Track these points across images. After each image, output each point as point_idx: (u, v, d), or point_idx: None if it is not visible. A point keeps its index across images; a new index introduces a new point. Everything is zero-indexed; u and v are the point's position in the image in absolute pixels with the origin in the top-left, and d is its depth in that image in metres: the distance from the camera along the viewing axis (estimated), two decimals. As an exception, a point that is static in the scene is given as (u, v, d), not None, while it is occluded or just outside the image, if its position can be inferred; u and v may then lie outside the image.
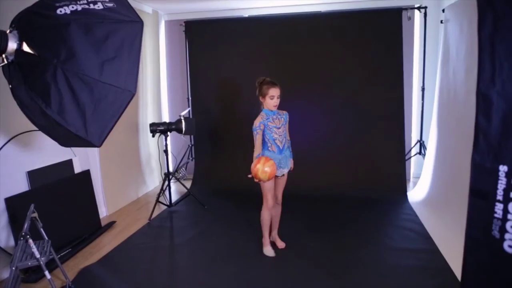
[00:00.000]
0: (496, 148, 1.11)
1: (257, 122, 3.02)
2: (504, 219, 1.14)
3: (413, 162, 5.40)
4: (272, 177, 2.91)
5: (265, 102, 3.06)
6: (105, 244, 3.53)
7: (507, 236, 1.14)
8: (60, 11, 1.92)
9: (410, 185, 5.11)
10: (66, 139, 2.24)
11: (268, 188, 3.06)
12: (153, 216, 4.17)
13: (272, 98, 3.01)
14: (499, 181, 1.13)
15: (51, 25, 1.90)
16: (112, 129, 2.07)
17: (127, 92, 1.99)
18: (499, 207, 1.15)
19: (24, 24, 1.94)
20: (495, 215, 1.16)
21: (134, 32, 2.07)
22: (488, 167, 1.15)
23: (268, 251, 3.23)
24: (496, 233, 1.16)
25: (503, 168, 1.12)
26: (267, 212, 3.15)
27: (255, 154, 3.01)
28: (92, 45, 1.94)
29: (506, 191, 1.12)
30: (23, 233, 2.32)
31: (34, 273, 2.91)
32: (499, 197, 1.14)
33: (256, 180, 2.92)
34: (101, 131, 2.05)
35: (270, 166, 2.83)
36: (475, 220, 1.22)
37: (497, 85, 1.10)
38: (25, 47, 1.91)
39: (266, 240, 3.26)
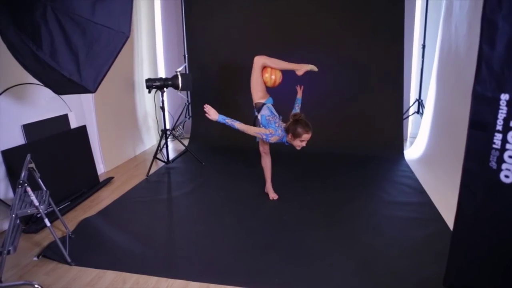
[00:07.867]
0: (499, 76, 1.09)
1: (273, 139, 2.98)
2: (503, 149, 1.13)
3: (411, 122, 5.39)
4: (277, 83, 3.19)
5: (292, 140, 2.97)
6: (104, 198, 3.56)
7: (504, 166, 1.14)
8: None
9: (407, 144, 5.12)
10: (60, 85, 2.19)
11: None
12: (151, 172, 4.20)
13: (302, 141, 2.93)
14: (500, 111, 1.11)
15: (38, -39, 1.81)
16: (106, 74, 2.02)
17: (121, 34, 1.92)
18: (498, 137, 1.14)
19: (9, -41, 1.84)
20: (494, 145, 1.15)
21: (126, -30, 1.97)
22: (489, 96, 1.13)
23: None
24: (493, 163, 1.16)
25: (504, 97, 1.10)
26: None
27: (245, 129, 2.93)
28: (82, -17, 1.85)
29: (506, 121, 1.11)
30: (21, 181, 2.32)
31: (34, 224, 2.96)
32: (499, 127, 1.13)
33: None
34: (96, 76, 2.00)
35: (275, 74, 3.15)
36: (473, 153, 1.22)
37: (503, 9, 1.05)
38: (12, -16, 1.82)
39: None
